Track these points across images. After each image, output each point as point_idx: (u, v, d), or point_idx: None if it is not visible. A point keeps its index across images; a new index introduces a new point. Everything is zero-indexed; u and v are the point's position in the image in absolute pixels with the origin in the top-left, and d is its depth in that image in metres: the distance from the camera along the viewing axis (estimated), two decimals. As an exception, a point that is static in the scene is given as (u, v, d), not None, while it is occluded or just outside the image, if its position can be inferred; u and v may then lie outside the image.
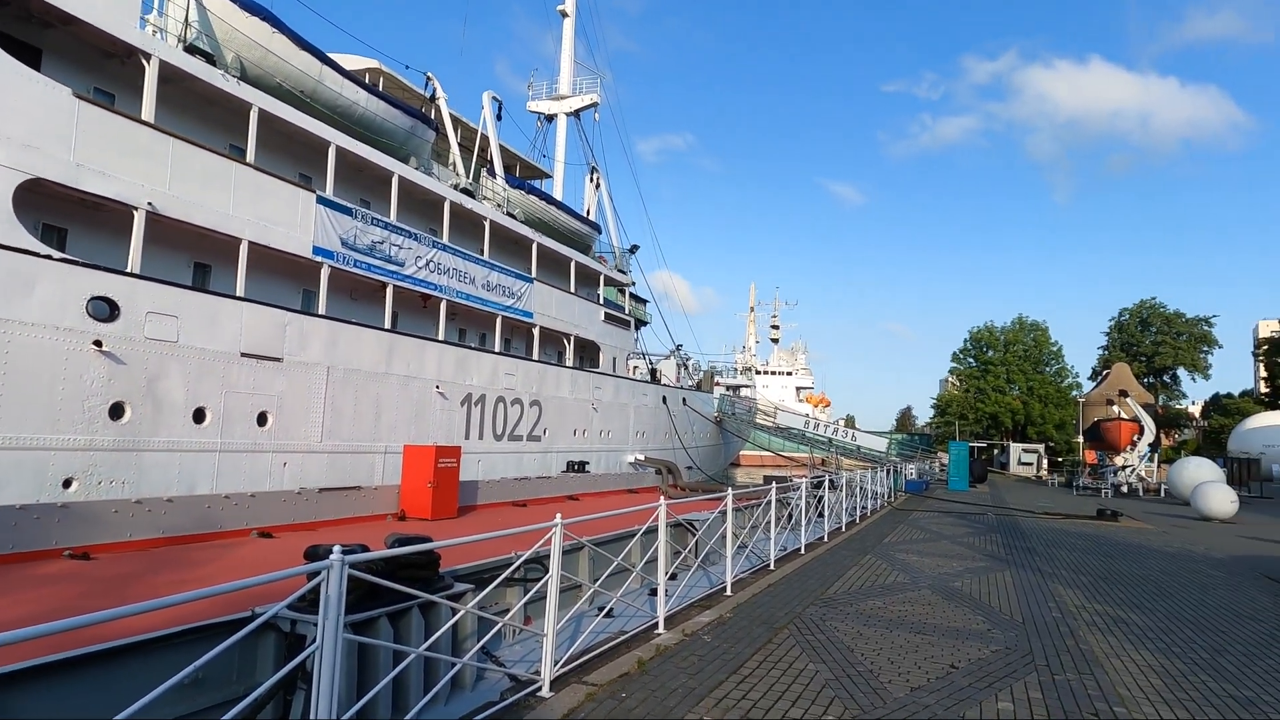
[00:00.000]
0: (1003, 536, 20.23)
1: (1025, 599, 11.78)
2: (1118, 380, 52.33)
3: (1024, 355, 70.60)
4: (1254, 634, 10.27)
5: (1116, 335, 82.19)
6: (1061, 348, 75.78)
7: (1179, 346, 77.89)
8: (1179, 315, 79.08)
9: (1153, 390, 72.52)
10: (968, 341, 74.21)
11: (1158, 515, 29.73)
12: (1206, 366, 78.92)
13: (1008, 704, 6.72)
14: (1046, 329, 72.69)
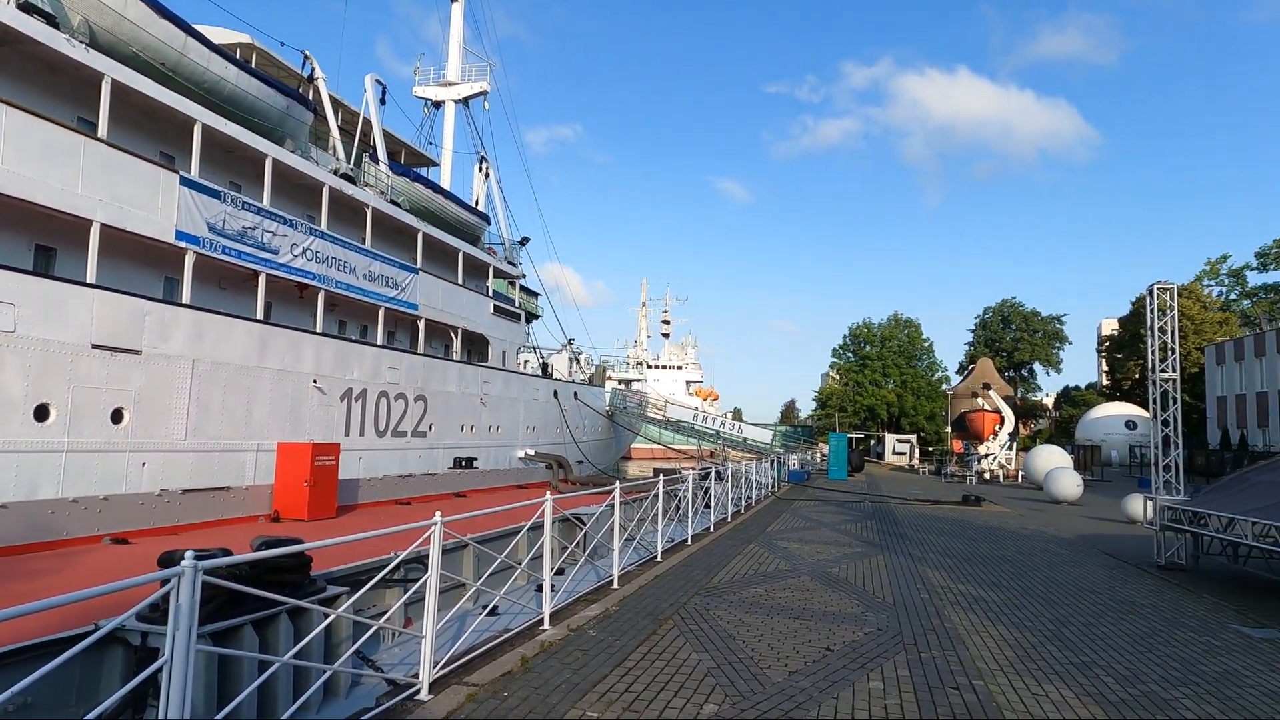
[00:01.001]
0: (878, 523, 21.25)
1: (897, 582, 12.41)
2: (982, 374, 55.98)
3: (899, 351, 74.43)
4: (1093, 606, 11.21)
5: (981, 332, 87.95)
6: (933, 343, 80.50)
7: (1035, 343, 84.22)
8: (1035, 314, 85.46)
9: (1013, 383, 78.04)
10: (847, 337, 77.61)
11: (1016, 500, 32.04)
12: (1059, 361, 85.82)
13: (878, 683, 7.05)
14: (919, 326, 76.99)
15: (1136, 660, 8.31)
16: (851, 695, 6.68)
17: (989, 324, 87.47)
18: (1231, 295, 75.14)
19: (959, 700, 6.65)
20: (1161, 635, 9.55)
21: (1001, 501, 30.59)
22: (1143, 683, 7.49)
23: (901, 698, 6.66)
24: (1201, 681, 7.63)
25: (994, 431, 47.09)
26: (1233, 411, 57.78)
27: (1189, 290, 68.25)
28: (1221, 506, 14.47)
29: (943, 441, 63.15)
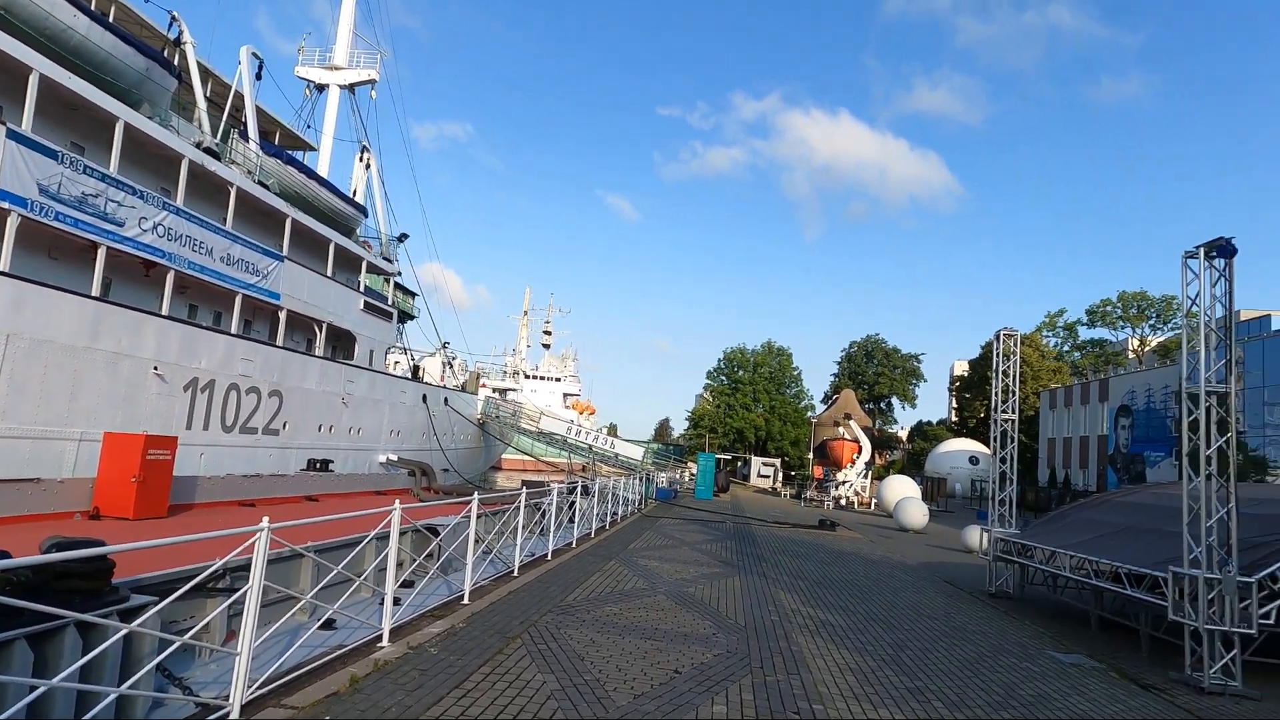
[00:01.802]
0: (737, 544, 21.66)
1: (750, 603, 12.58)
2: (844, 405, 58.72)
3: (770, 377, 76.98)
4: (929, 630, 11.76)
5: (846, 364, 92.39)
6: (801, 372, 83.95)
7: (894, 378, 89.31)
8: (896, 351, 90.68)
9: (872, 415, 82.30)
10: (722, 361, 79.58)
11: (868, 526, 33.59)
12: (914, 397, 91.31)
13: (722, 707, 7.02)
14: (790, 354, 79.97)
15: (965, 685, 8.72)
16: (695, 718, 6.61)
17: (854, 357, 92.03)
18: (1065, 347, 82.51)
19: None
20: (988, 660, 10.10)
21: (855, 527, 31.97)
22: (969, 707, 7.84)
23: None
24: (1019, 705, 8.08)
25: (852, 460, 49.34)
26: (1060, 452, 63.21)
27: (1030, 339, 74.34)
28: (1045, 540, 15.62)
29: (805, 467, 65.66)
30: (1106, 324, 79.47)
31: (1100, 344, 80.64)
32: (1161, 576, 10.59)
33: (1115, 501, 17.66)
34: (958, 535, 27.25)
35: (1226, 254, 10.37)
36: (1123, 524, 14.84)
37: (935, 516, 39.59)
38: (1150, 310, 75.23)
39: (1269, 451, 38.47)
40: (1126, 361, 72.06)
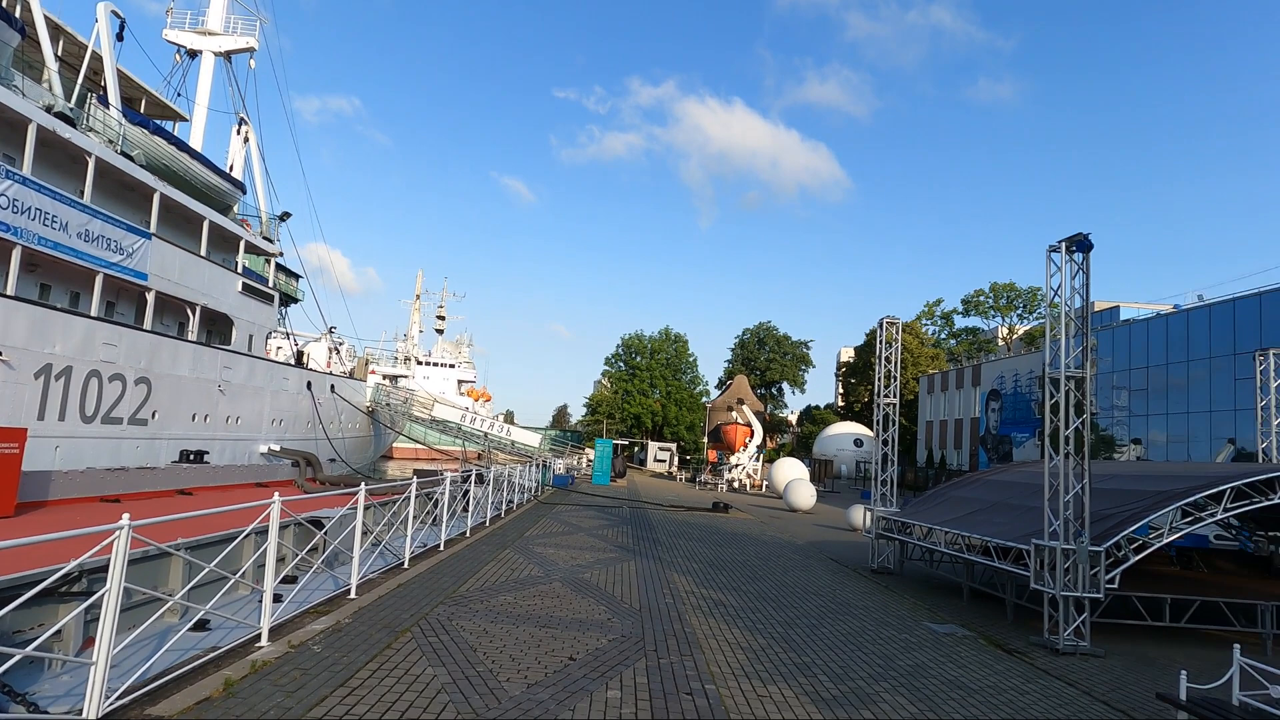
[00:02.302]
0: (633, 528, 21.84)
1: (645, 587, 12.71)
2: (737, 390, 60.09)
3: (667, 363, 77.96)
4: (816, 607, 12.22)
5: (739, 351, 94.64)
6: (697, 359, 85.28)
7: (785, 364, 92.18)
8: (787, 338, 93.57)
9: (764, 400, 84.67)
10: (620, 347, 79.94)
11: (759, 507, 34.57)
12: (803, 382, 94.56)
13: (616, 692, 7.05)
14: (687, 341, 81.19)
15: (849, 658, 9.10)
16: (589, 706, 6.61)
17: (747, 344, 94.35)
18: (942, 334, 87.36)
19: (691, 706, 6.82)
20: (870, 634, 10.58)
21: (747, 509, 32.84)
22: (852, 679, 8.18)
23: (638, 706, 6.70)
24: (898, 675, 8.50)
25: (745, 444, 50.63)
26: (937, 434, 66.96)
27: (910, 327, 78.27)
28: (923, 518, 16.50)
29: (700, 451, 66.91)
30: (979, 313, 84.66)
31: (974, 332, 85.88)
32: (1025, 549, 11.36)
33: (985, 480, 18.84)
34: (843, 515, 28.44)
35: (1084, 249, 11.16)
36: (992, 501, 15.84)
37: (822, 497, 41.18)
38: (1018, 300, 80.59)
39: (1116, 431, 41.99)
40: (996, 348, 77.02)
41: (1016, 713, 7.53)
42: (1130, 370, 41.96)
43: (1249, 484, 11.14)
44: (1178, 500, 11.12)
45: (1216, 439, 34.42)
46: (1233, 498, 11.12)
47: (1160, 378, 39.85)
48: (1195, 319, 38.43)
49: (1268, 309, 33.65)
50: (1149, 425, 40.35)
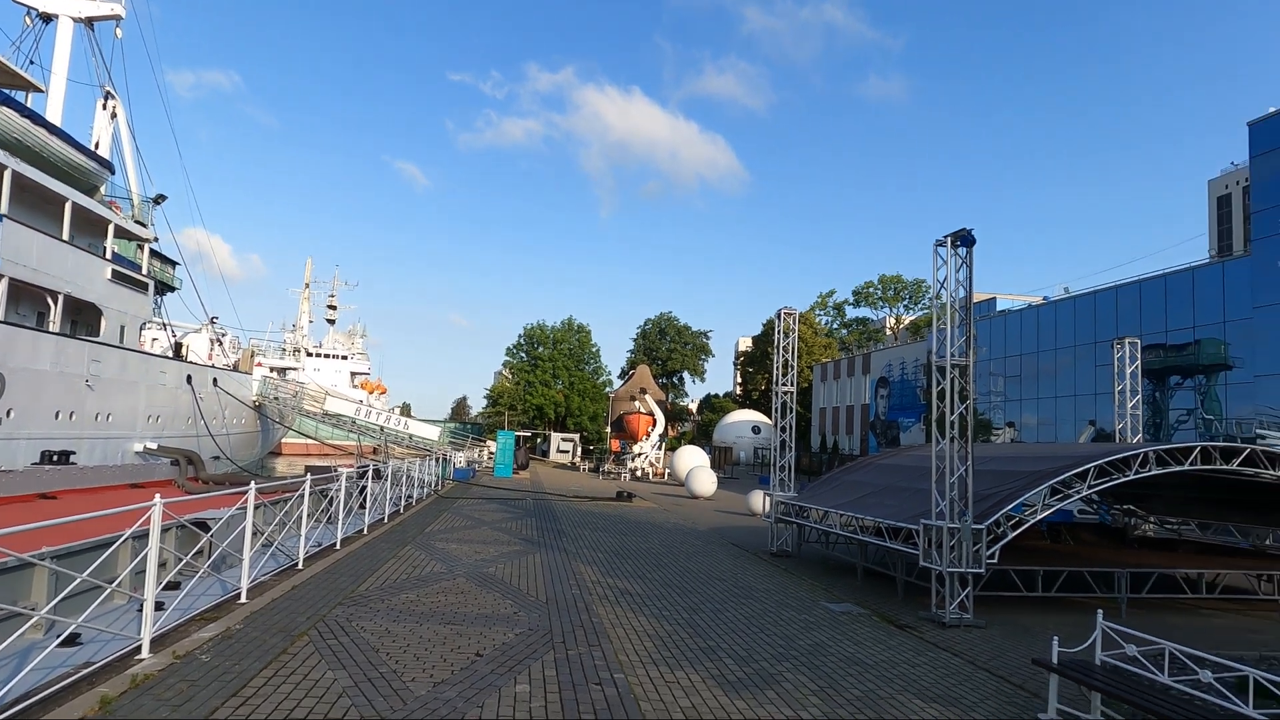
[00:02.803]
0: (538, 520, 21.70)
1: (551, 579, 12.65)
2: (640, 380, 60.61)
3: (569, 354, 77.66)
4: (720, 592, 12.48)
5: (641, 341, 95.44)
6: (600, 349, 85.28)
7: (686, 354, 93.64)
8: (687, 328, 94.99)
9: (665, 389, 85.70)
10: (522, 337, 78.98)
11: (662, 495, 35.01)
12: (703, 371, 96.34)
13: (525, 686, 6.99)
14: (590, 331, 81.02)
15: (752, 640, 9.35)
16: (497, 702, 6.52)
17: (648, 334, 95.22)
18: (835, 324, 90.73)
19: (600, 696, 6.84)
20: (772, 615, 10.90)
21: (650, 497, 33.20)
22: (756, 661, 8.41)
23: (547, 699, 6.67)
24: (799, 654, 8.80)
25: (647, 433, 51.11)
26: (830, 420, 69.57)
27: (805, 318, 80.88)
28: (818, 501, 17.12)
29: (603, 441, 67.09)
30: (869, 304, 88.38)
31: (864, 322, 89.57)
32: (914, 529, 11.96)
33: (876, 464, 19.70)
34: (743, 500, 29.16)
35: (968, 243, 11.80)
36: (883, 484, 16.59)
37: (723, 483, 42.08)
38: (905, 292, 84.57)
39: (993, 415, 44.77)
40: (885, 338, 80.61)
41: (909, 685, 7.93)
42: (1005, 358, 44.78)
43: (1108, 462, 12.08)
44: (1049, 479, 11.96)
45: (1080, 421, 37.24)
46: (1095, 475, 12.04)
47: (1031, 364, 42.72)
48: (1061, 310, 41.37)
49: (1123, 301, 36.59)
50: (1022, 409, 43.22)
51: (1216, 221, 66.49)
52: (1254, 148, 30.32)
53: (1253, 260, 30.02)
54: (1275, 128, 29.19)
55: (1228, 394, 31.11)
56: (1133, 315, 35.28)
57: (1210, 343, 31.69)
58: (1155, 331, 33.38)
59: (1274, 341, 28.43)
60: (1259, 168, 30.39)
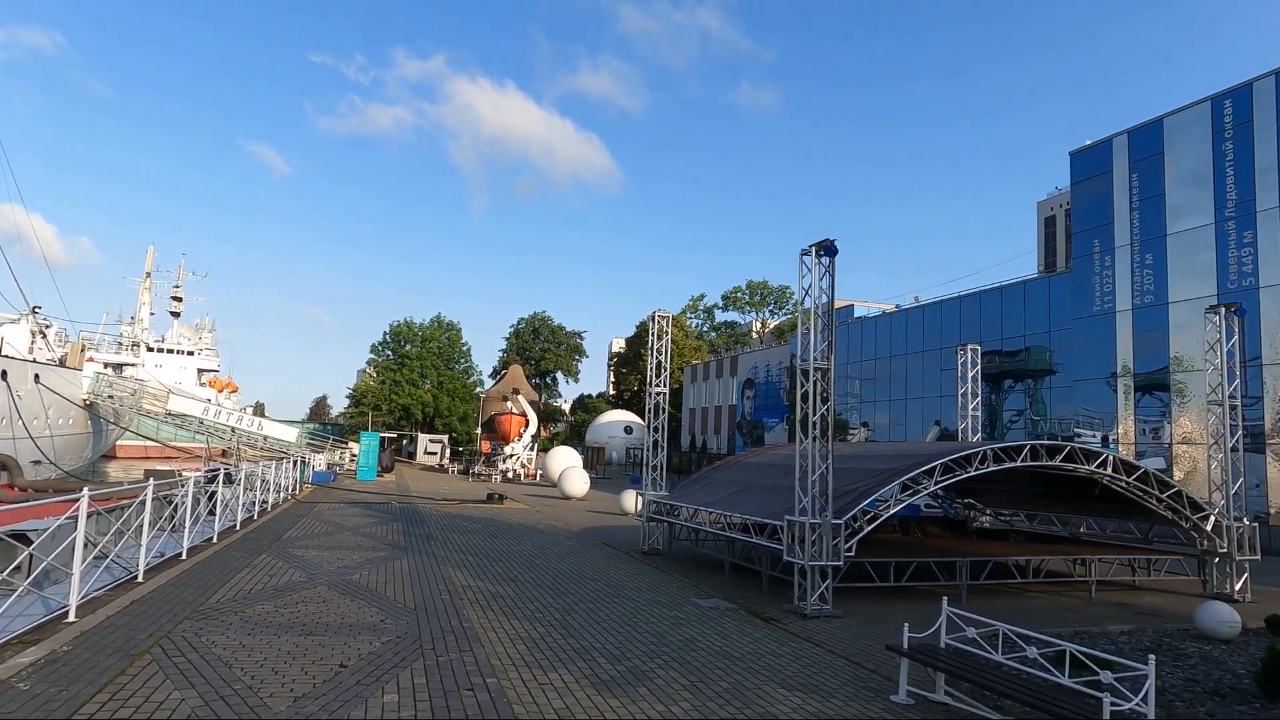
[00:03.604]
0: (404, 524, 21.02)
1: (419, 584, 12.30)
2: (512, 380, 59.84)
3: (439, 352, 75.63)
4: (592, 592, 12.54)
5: (514, 340, 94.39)
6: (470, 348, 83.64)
7: (559, 354, 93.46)
8: (561, 328, 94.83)
9: (539, 389, 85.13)
10: (388, 334, 76.19)
11: (534, 496, 34.74)
12: (577, 371, 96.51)
13: (393, 696, 6.76)
14: (460, 330, 79.21)
15: (624, 638, 9.46)
16: (364, 713, 6.28)
17: (521, 334, 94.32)
18: (704, 327, 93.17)
19: (473, 702, 6.73)
20: (644, 613, 11.07)
21: (522, 499, 32.87)
22: (629, 659, 8.52)
23: (417, 708, 6.49)
24: (671, 650, 8.99)
25: (519, 433, 50.57)
26: (699, 421, 71.34)
27: (677, 320, 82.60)
28: (689, 499, 17.53)
29: (473, 442, 65.81)
30: (737, 308, 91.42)
31: (732, 325, 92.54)
32: (778, 524, 12.48)
33: (742, 463, 20.41)
34: (615, 500, 29.40)
35: (830, 253, 12.44)
36: (749, 482, 17.20)
37: (595, 484, 42.27)
38: (770, 297, 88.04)
39: (849, 416, 47.35)
40: (751, 341, 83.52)
41: (773, 675, 8.27)
42: (861, 362, 47.46)
43: (952, 460, 13.08)
44: (900, 476, 12.80)
45: (927, 421, 40.01)
46: (940, 472, 13.00)
47: (884, 368, 45.50)
48: (912, 318, 44.32)
49: (965, 311, 39.66)
50: (875, 410, 45.95)
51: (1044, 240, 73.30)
52: (1074, 175, 33.65)
53: (1073, 276, 33.30)
54: (1092, 158, 32.53)
55: (1051, 396, 34.35)
56: (974, 324, 38.28)
57: (1038, 350, 34.89)
58: (992, 339, 36.37)
59: (1090, 349, 31.65)
60: (1078, 194, 33.76)
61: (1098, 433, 30.18)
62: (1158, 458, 27.51)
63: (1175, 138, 28.64)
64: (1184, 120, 28.44)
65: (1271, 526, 23.51)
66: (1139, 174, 30.03)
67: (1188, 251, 27.80)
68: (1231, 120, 26.66)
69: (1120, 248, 30.43)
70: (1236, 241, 26.20)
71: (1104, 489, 14.90)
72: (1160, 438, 28.26)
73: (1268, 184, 25.27)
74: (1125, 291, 30.13)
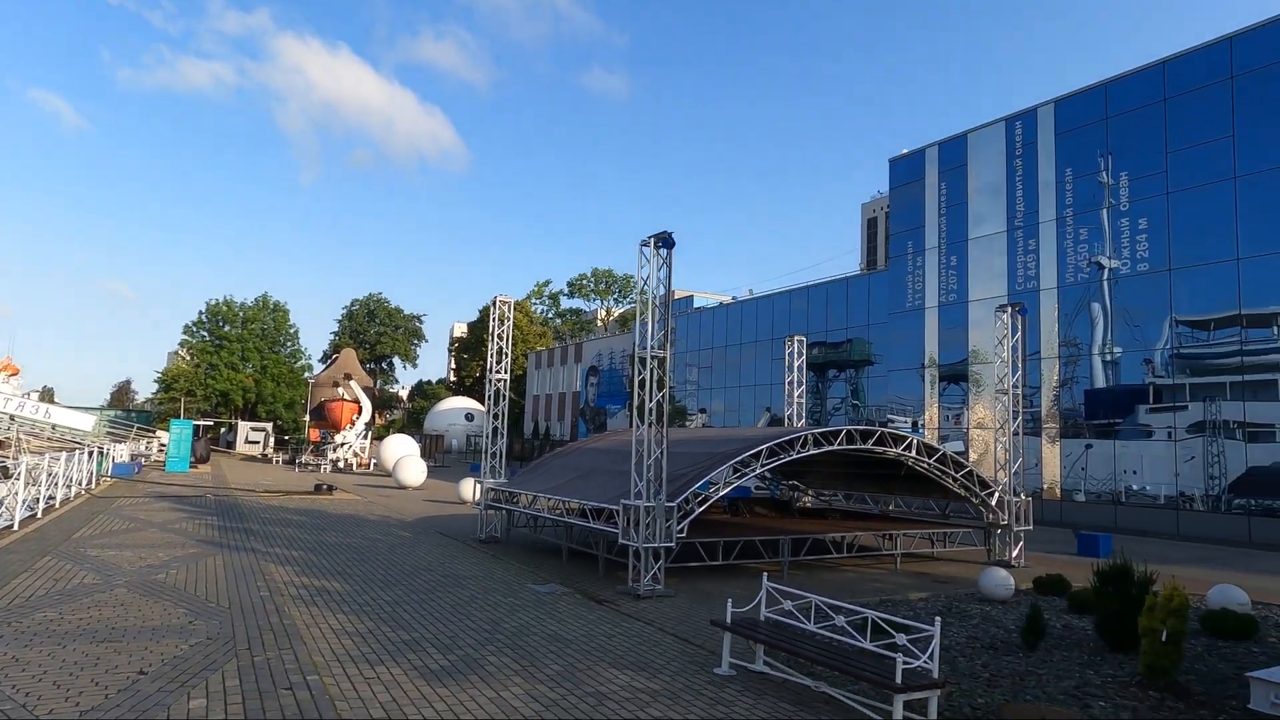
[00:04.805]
0: (220, 518, 19.57)
1: (235, 582, 11.52)
2: (345, 364, 56.92)
3: (263, 334, 70.56)
4: (426, 583, 12.27)
5: (348, 323, 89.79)
6: (299, 330, 78.70)
7: (397, 338, 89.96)
8: (399, 311, 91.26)
9: (374, 375, 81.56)
10: (204, 314, 70.12)
11: (367, 487, 33.34)
12: (416, 356, 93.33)
13: (201, 700, 6.32)
14: (287, 310, 74.27)
15: (456, 628, 9.33)
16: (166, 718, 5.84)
17: (355, 316, 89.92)
18: (550, 313, 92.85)
19: (291, 701, 6.42)
20: (478, 601, 10.97)
21: (354, 490, 31.47)
22: (460, 648, 8.42)
23: (228, 711, 6.10)
24: (504, 637, 8.98)
25: (352, 421, 48.30)
26: (543, 407, 71.15)
27: (521, 306, 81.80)
28: (528, 486, 17.50)
29: (301, 430, 62.10)
30: (583, 295, 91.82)
31: (577, 312, 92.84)
32: (614, 509, 12.74)
33: (583, 449, 20.61)
34: (454, 489, 28.81)
35: (668, 245, 12.79)
36: (589, 467, 17.41)
37: (434, 472, 41.19)
38: (616, 285, 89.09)
39: (688, 402, 48.95)
40: (596, 328, 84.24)
41: (605, 655, 8.47)
42: (699, 350, 49.15)
43: (776, 444, 13.89)
44: (730, 460, 13.44)
45: (759, 408, 42.11)
46: (766, 455, 13.77)
47: (721, 357, 47.37)
48: (746, 310, 46.40)
49: (795, 304, 42.04)
50: (712, 397, 47.77)
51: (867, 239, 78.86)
52: (893, 181, 36.45)
53: (889, 275, 36.13)
54: (908, 166, 35.36)
55: (870, 385, 37.16)
56: (802, 316, 40.66)
57: (859, 342, 37.60)
58: (819, 331, 38.81)
59: (903, 342, 34.50)
60: (895, 198, 36.62)
61: (909, 419, 33.08)
62: (958, 441, 30.52)
63: (977, 152, 31.70)
64: (984, 137, 31.52)
65: (1045, 500, 26.79)
66: (947, 183, 32.99)
67: (985, 255, 30.90)
68: (1021, 140, 29.85)
69: (930, 249, 33.33)
70: (1023, 248, 29.43)
71: (909, 470, 16.35)
72: (961, 423, 31.32)
73: (1048, 199, 28.55)
74: (934, 290, 33.06)
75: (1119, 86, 26.94)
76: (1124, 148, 26.31)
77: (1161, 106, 25.43)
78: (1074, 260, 27.59)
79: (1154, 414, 24.63)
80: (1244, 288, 22.80)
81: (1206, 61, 24.50)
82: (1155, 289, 25.03)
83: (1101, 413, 26.13)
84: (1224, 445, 22.72)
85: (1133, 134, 26.16)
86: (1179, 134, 24.86)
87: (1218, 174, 23.71)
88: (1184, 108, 24.87)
